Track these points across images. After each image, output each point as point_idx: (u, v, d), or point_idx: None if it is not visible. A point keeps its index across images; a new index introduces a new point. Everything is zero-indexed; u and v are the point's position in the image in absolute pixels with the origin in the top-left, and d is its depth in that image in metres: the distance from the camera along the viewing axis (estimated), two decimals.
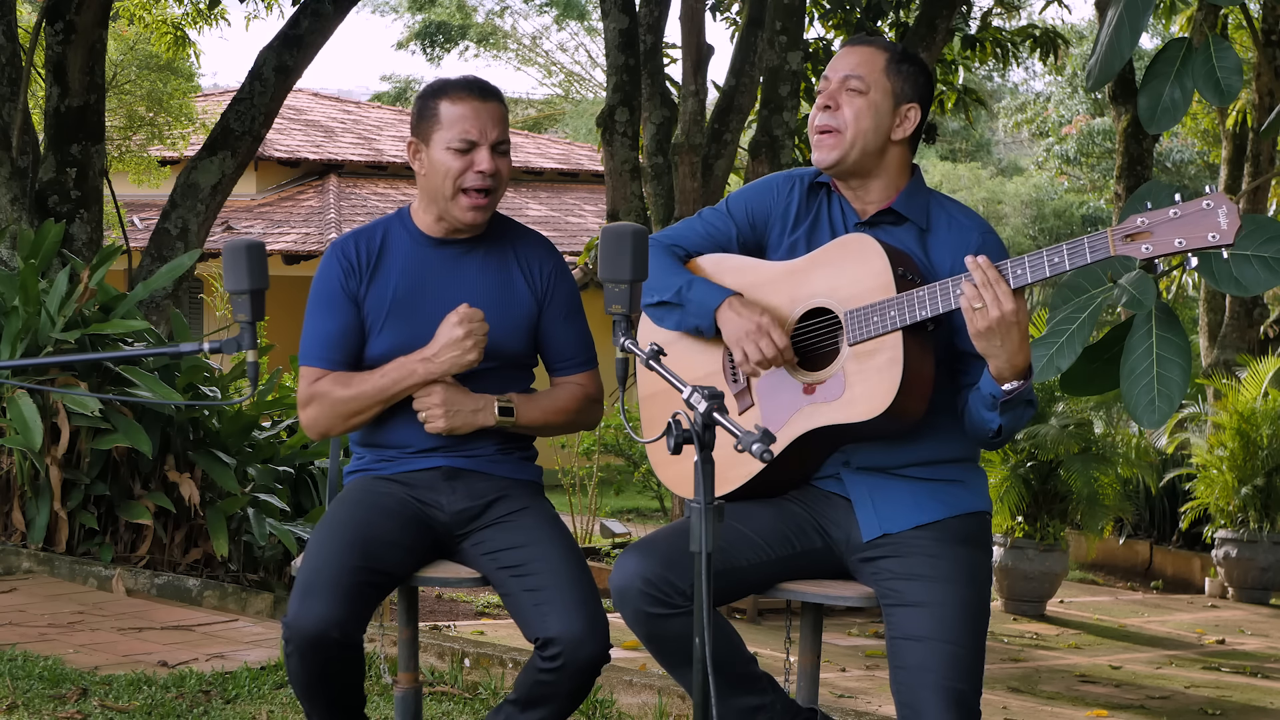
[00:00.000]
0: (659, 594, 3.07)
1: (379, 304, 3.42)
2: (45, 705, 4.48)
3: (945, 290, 3.04)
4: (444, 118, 3.35)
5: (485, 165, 3.34)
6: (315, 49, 9.41)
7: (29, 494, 6.62)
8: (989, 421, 3.09)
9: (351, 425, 3.41)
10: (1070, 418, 8.96)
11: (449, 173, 3.34)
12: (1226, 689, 6.87)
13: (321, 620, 3.11)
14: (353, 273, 3.43)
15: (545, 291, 3.49)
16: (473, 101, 3.35)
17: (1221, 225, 2.87)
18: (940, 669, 3.01)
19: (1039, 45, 11.08)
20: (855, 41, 3.34)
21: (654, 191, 8.98)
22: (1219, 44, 3.48)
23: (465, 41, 33.40)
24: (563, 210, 20.42)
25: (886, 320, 3.08)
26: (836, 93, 3.24)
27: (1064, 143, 27.69)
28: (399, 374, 3.35)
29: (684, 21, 9.47)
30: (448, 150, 3.34)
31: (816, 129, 3.25)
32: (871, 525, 3.20)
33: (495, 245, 3.49)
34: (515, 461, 3.49)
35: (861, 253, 3.15)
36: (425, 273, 3.44)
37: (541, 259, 3.51)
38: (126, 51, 15.94)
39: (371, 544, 3.25)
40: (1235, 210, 2.88)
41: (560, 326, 3.50)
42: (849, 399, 3.12)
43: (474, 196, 3.35)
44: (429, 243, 3.46)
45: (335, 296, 3.42)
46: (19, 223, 8.27)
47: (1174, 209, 2.91)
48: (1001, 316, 2.94)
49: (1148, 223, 2.92)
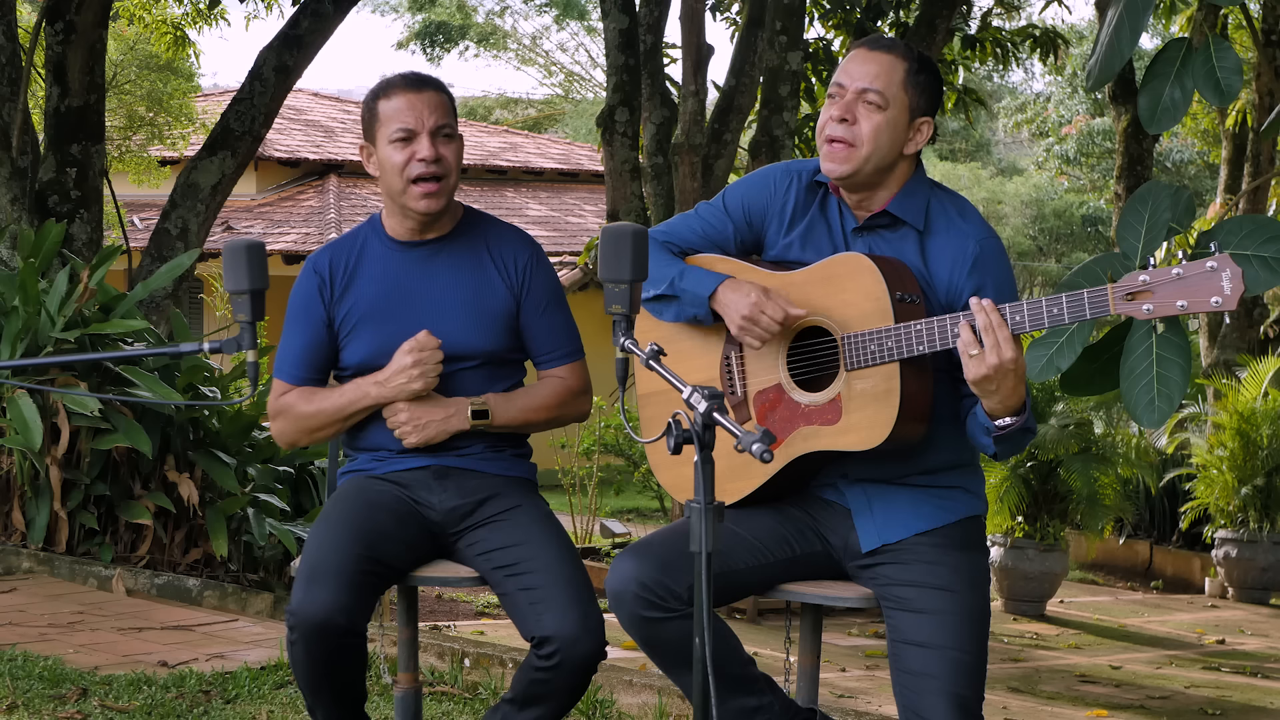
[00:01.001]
0: (654, 598, 3.06)
1: (353, 313, 3.46)
2: (45, 705, 4.48)
3: (944, 327, 3.00)
4: (383, 114, 3.40)
5: (426, 152, 3.36)
6: (315, 49, 9.41)
7: (29, 494, 6.62)
8: (985, 446, 3.10)
9: (317, 439, 3.49)
10: (1070, 418, 8.97)
11: (395, 166, 3.38)
12: (1226, 689, 6.87)
13: (327, 606, 3.12)
14: (325, 286, 3.47)
15: (521, 285, 3.48)
16: (407, 94, 3.39)
17: (1225, 290, 2.85)
18: (944, 675, 3.01)
19: (1039, 45, 11.08)
20: (875, 45, 3.23)
21: (654, 191, 8.98)
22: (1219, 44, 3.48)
23: (465, 41, 33.40)
24: (563, 210, 20.42)
25: (884, 350, 3.05)
26: (853, 105, 3.16)
27: (1064, 143, 27.68)
28: (354, 395, 3.41)
29: (684, 21, 9.47)
30: (390, 145, 3.38)
31: (829, 138, 3.17)
32: (871, 536, 3.18)
33: (467, 243, 3.49)
34: (507, 459, 3.49)
35: (858, 275, 3.11)
36: (397, 277, 3.46)
37: (516, 252, 3.50)
38: (126, 51, 15.94)
39: (372, 536, 3.27)
40: (1239, 274, 2.85)
41: (540, 319, 3.49)
42: (845, 426, 3.10)
43: (423, 184, 3.38)
44: (399, 247, 3.48)
45: (305, 311, 3.48)
46: (19, 223, 8.27)
47: (1177, 269, 2.89)
48: (1000, 364, 2.91)
49: (1150, 281, 2.90)
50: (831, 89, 3.22)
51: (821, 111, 3.25)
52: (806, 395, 3.17)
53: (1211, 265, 2.86)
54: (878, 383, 3.07)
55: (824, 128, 3.20)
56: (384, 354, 3.41)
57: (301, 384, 3.47)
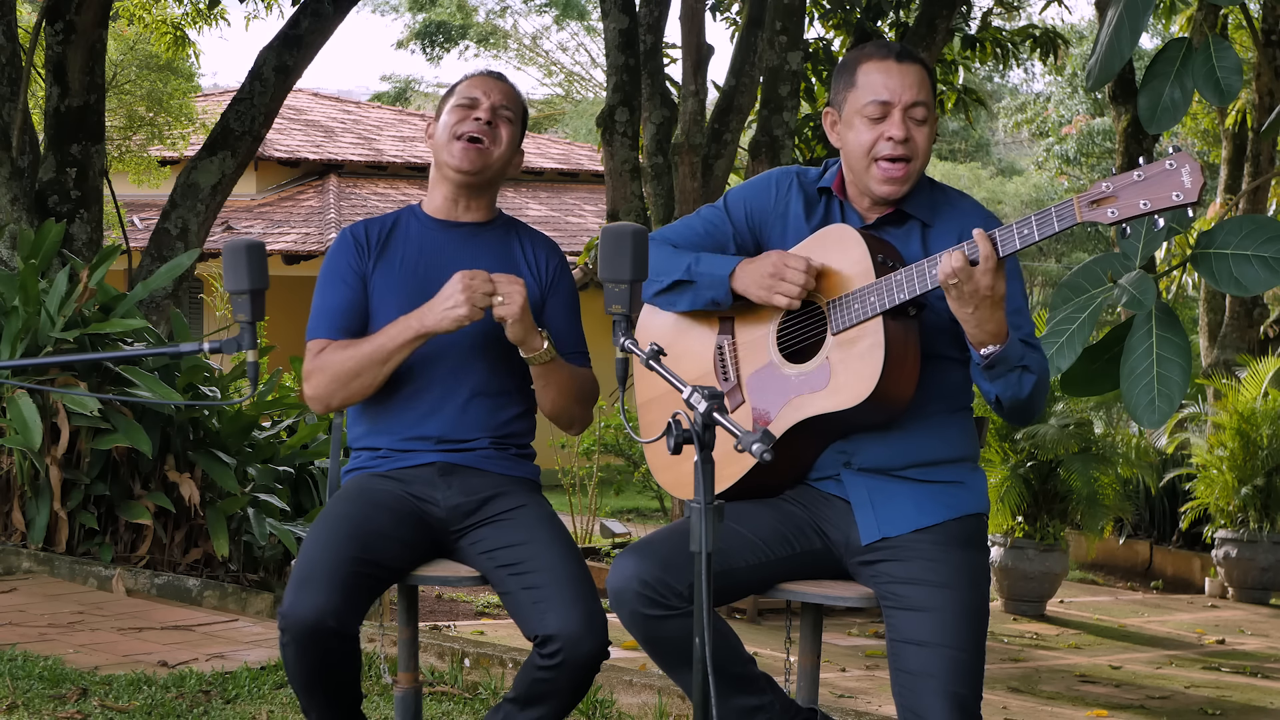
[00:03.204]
0: (656, 596, 3.07)
1: (386, 280, 3.47)
2: (45, 705, 4.48)
3: (922, 271, 3.05)
4: (456, 90, 3.55)
5: (483, 114, 3.47)
6: (315, 49, 9.41)
7: (29, 494, 6.62)
8: (987, 392, 3.13)
9: (352, 391, 3.39)
10: (1070, 418, 8.96)
11: (446, 127, 3.49)
12: (1226, 689, 6.87)
13: (317, 609, 3.11)
14: (362, 250, 3.50)
15: (549, 282, 3.55)
16: (485, 77, 3.58)
17: (1185, 184, 2.86)
18: (942, 674, 3.02)
19: (1039, 45, 11.08)
20: (901, 57, 3.24)
21: (654, 191, 8.98)
22: (1219, 44, 3.49)
23: (465, 41, 33.39)
24: (563, 210, 20.42)
25: (867, 306, 3.09)
26: (904, 122, 3.19)
27: (1064, 143, 27.67)
28: (396, 329, 3.36)
29: (684, 21, 9.47)
30: (449, 114, 3.50)
31: (888, 157, 3.19)
32: (871, 529, 3.19)
33: (502, 234, 3.57)
34: (511, 459, 3.50)
35: (841, 242, 3.18)
36: (433, 250, 3.50)
37: (547, 254, 3.59)
38: (126, 51, 15.94)
39: (368, 537, 3.26)
40: (1198, 168, 2.87)
41: (562, 318, 3.54)
42: (834, 387, 3.13)
43: (473, 143, 3.46)
44: (437, 225, 3.54)
45: (342, 272, 3.49)
46: (19, 223, 8.27)
47: (1138, 171, 2.90)
48: (975, 289, 2.96)
49: (1112, 187, 2.91)
50: (867, 108, 3.21)
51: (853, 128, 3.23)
52: (796, 367, 3.20)
53: (1170, 164, 2.88)
54: (863, 340, 3.11)
55: (871, 147, 3.20)
56: None
57: (339, 336, 3.43)
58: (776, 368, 3.23)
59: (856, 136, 3.22)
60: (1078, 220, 2.92)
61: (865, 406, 3.09)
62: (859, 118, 3.22)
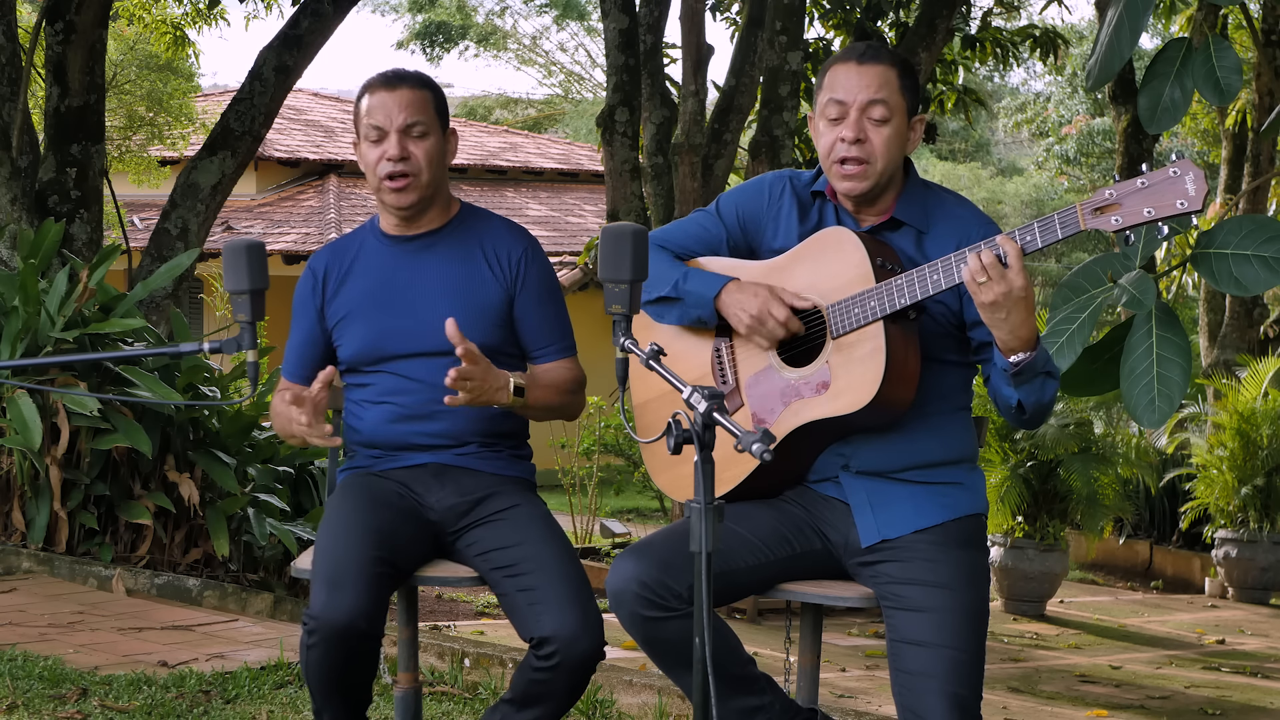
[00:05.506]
0: (655, 597, 3.06)
1: (345, 308, 3.50)
2: (45, 705, 4.48)
3: (923, 275, 3.03)
4: (362, 113, 3.47)
5: (393, 150, 3.41)
6: (315, 49, 9.41)
7: (29, 494, 6.62)
8: (1009, 397, 3.09)
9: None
10: (1070, 418, 8.96)
11: (369, 165, 3.46)
12: (1226, 689, 6.87)
13: (351, 612, 3.12)
14: (318, 286, 3.54)
15: (515, 278, 3.50)
16: (380, 92, 3.45)
17: (1189, 191, 2.85)
18: (943, 675, 3.02)
19: (1039, 45, 11.07)
20: (867, 58, 3.21)
21: (654, 191, 8.98)
22: (1219, 44, 3.48)
23: (465, 41, 33.41)
24: (563, 210, 20.42)
25: (867, 311, 3.08)
26: (860, 122, 3.16)
27: (1064, 143, 27.68)
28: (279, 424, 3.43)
29: (684, 21, 9.47)
30: (365, 143, 3.46)
31: (840, 157, 3.18)
32: (870, 531, 3.19)
33: (460, 238, 3.52)
34: (505, 458, 3.50)
35: (840, 246, 3.16)
36: (388, 271, 3.50)
37: (510, 246, 3.52)
38: (126, 51, 15.94)
39: (384, 536, 3.27)
40: (1202, 176, 2.86)
41: (534, 311, 3.50)
42: (835, 391, 3.12)
43: (394, 180, 3.42)
44: (390, 242, 3.54)
45: (301, 309, 3.57)
46: (19, 223, 8.27)
47: (1141, 179, 2.89)
48: (1009, 290, 2.91)
49: (1116, 194, 2.91)
50: (827, 109, 3.20)
51: (819, 131, 3.23)
52: (795, 371, 3.20)
53: (1174, 171, 2.87)
54: (864, 344, 3.10)
55: (830, 149, 3.20)
56: (375, 347, 3.45)
57: (299, 381, 3.51)
58: (776, 371, 3.23)
59: (819, 139, 3.23)
60: (1081, 228, 2.92)
61: (866, 411, 3.09)
62: (822, 120, 3.23)
